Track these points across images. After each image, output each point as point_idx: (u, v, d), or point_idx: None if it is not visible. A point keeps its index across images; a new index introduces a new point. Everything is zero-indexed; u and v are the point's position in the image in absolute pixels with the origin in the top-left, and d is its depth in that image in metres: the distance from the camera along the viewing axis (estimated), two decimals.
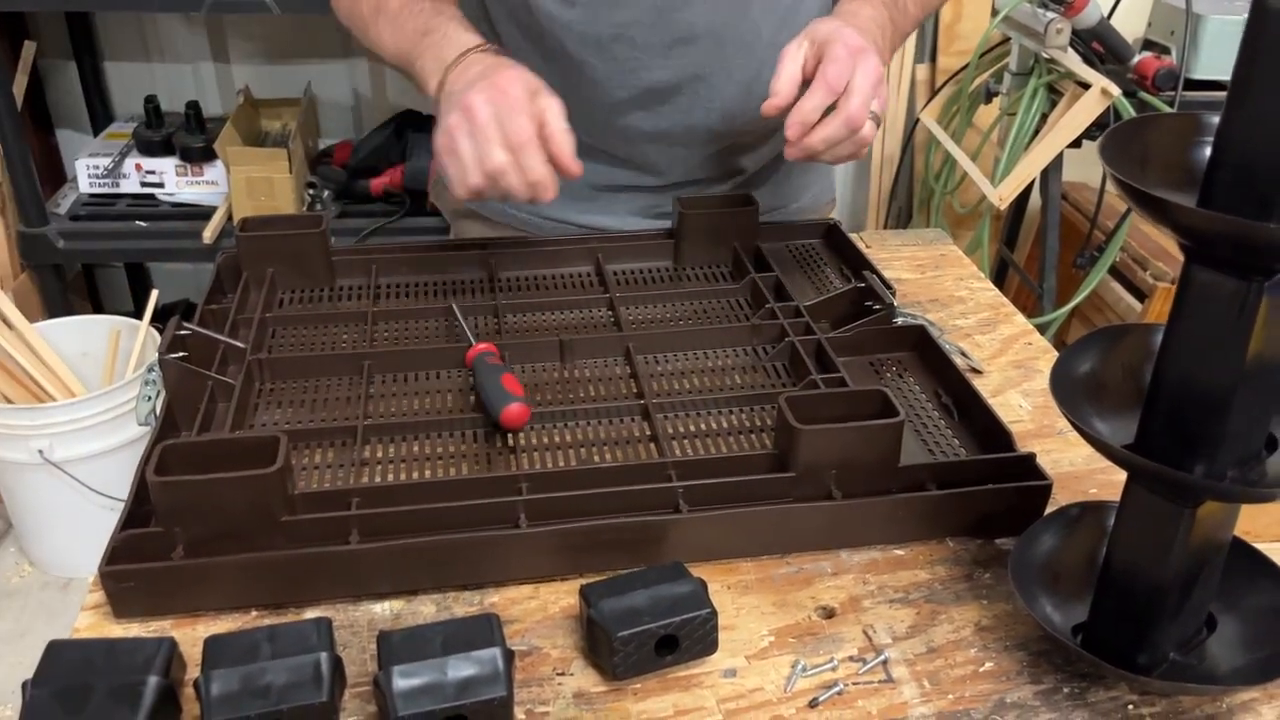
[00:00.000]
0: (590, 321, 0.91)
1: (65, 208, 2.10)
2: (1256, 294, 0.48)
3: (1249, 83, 0.46)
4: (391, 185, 2.13)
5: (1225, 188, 0.47)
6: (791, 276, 0.97)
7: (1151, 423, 0.55)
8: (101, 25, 2.26)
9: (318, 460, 0.74)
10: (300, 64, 2.33)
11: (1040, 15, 1.81)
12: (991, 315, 1.00)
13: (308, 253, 0.95)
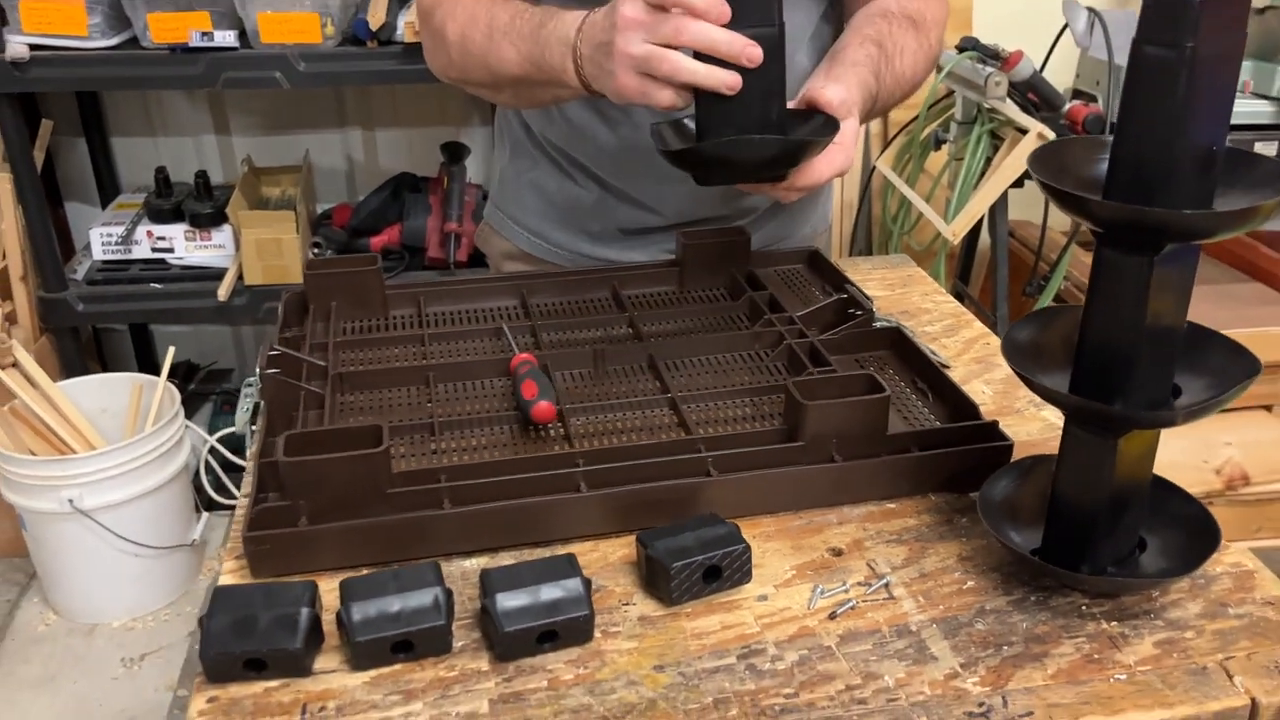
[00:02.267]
0: (614, 336, 1.06)
1: (81, 274, 2.22)
2: (1149, 266, 0.65)
3: (1132, 108, 0.62)
4: (389, 243, 2.29)
5: (1120, 186, 0.64)
6: (782, 294, 1.13)
7: (1080, 375, 0.71)
8: (110, 103, 2.41)
9: (401, 450, 0.88)
10: (297, 134, 2.49)
11: (980, 70, 2.01)
12: (954, 322, 1.17)
13: (365, 287, 1.10)
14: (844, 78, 1.01)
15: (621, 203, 1.23)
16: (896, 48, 1.10)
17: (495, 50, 1.03)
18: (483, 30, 1.04)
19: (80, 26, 1.94)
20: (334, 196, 2.53)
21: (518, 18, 1.02)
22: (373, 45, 2.01)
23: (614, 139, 1.18)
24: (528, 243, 1.31)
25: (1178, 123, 0.61)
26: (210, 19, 1.96)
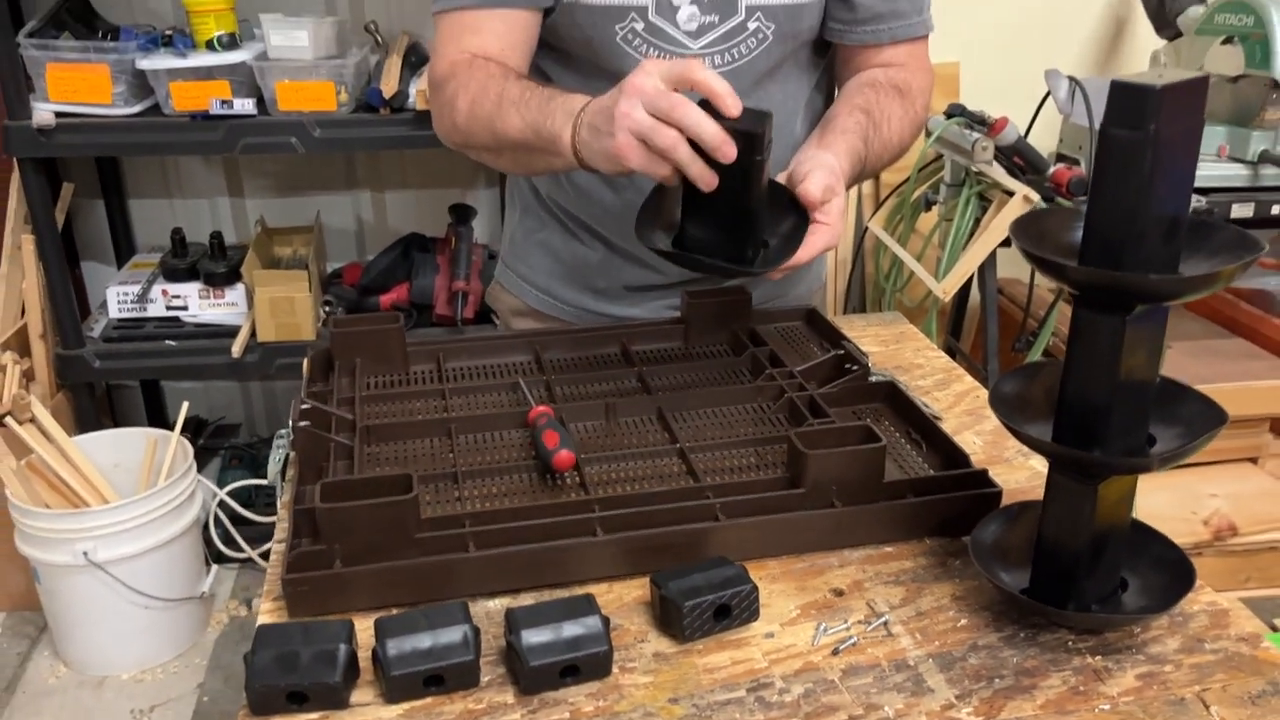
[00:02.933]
0: (624, 389, 1.12)
1: (98, 331, 2.28)
2: (1122, 325, 0.71)
3: (1102, 183, 0.69)
4: (398, 300, 2.36)
5: (1093, 252, 0.70)
6: (782, 349, 1.19)
7: (1062, 425, 0.77)
8: (129, 167, 2.49)
9: (428, 498, 0.94)
10: (309, 196, 2.57)
11: (967, 135, 2.10)
12: (945, 376, 1.23)
13: (387, 344, 1.16)
14: (834, 145, 1.09)
15: (626, 262, 1.30)
16: (884, 115, 1.18)
17: (501, 116, 1.09)
18: (493, 99, 1.10)
19: (105, 95, 2.02)
20: (344, 256, 2.60)
21: (528, 91, 1.09)
22: (385, 112, 2.09)
23: (619, 202, 1.25)
24: (536, 300, 1.37)
25: (1143, 196, 0.68)
26: (230, 88, 2.04)
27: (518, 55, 1.17)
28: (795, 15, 1.19)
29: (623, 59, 1.18)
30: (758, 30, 1.18)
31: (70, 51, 2.02)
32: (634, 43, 1.17)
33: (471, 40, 1.15)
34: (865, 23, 1.22)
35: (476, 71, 1.12)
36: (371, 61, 2.23)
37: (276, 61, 2.05)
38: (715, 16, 1.17)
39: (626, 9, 1.16)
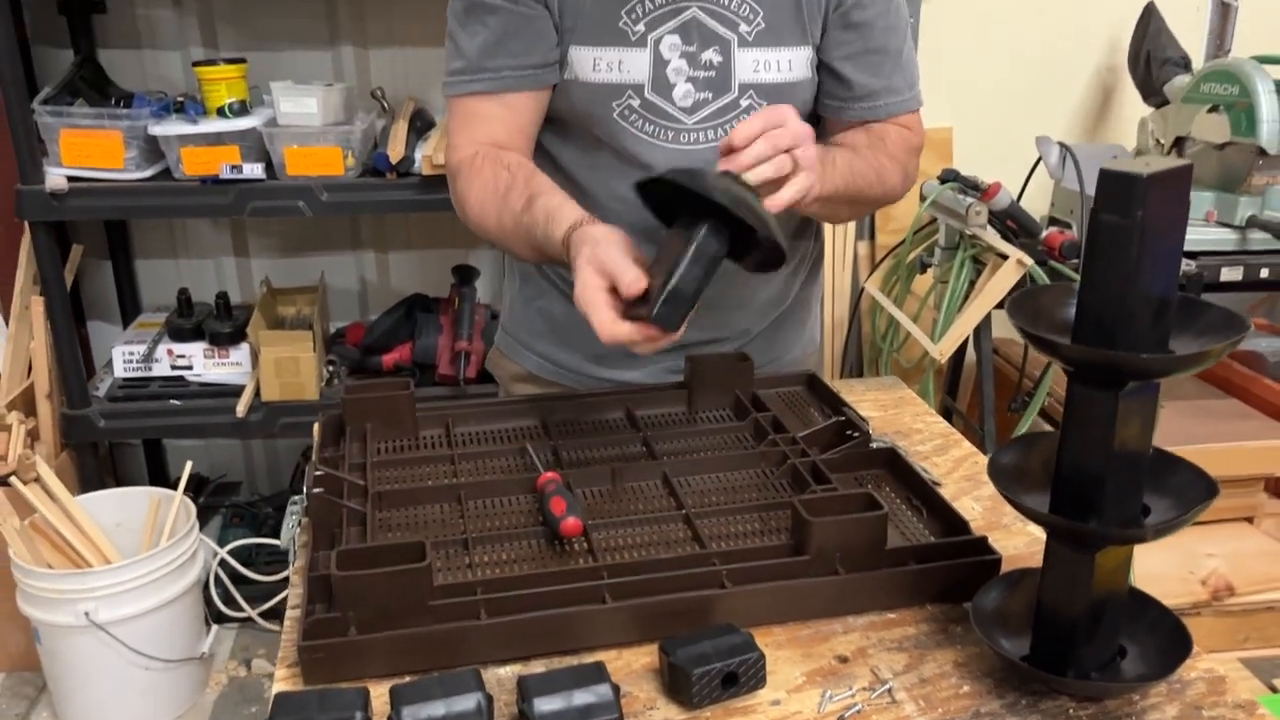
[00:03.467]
0: (630, 454, 1.15)
1: (103, 391, 2.31)
2: (1115, 400, 0.74)
3: (1094, 265, 0.72)
4: (401, 360, 2.38)
5: (1086, 331, 0.73)
6: (784, 414, 1.22)
7: (1058, 496, 0.80)
8: (136, 228, 2.53)
9: (439, 564, 0.96)
10: (313, 256, 2.60)
11: (961, 200, 2.15)
12: (944, 442, 1.25)
13: (398, 409, 1.18)
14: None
15: None
16: (859, 145, 1.23)
17: (509, 246, 1.20)
18: (493, 221, 1.18)
19: (117, 160, 2.06)
20: (347, 315, 2.63)
21: (524, 214, 1.13)
22: (391, 176, 2.14)
23: None
24: (537, 365, 1.40)
25: (1133, 278, 0.71)
26: (239, 152, 2.09)
27: (524, 137, 1.24)
28: (787, 93, 1.24)
29: (621, 133, 1.22)
30: (750, 107, 1.23)
31: (84, 118, 2.07)
32: (631, 118, 1.22)
33: (480, 127, 1.22)
34: (861, 100, 1.26)
35: (475, 177, 1.20)
36: (378, 127, 2.28)
37: (285, 127, 2.10)
38: (709, 94, 1.22)
39: (624, 87, 1.20)
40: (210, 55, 2.33)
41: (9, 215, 2.13)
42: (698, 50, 1.20)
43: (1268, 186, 2.11)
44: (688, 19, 1.19)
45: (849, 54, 1.24)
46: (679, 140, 1.23)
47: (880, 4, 1.24)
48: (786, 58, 1.23)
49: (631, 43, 1.19)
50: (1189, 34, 2.51)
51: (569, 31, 1.19)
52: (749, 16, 1.20)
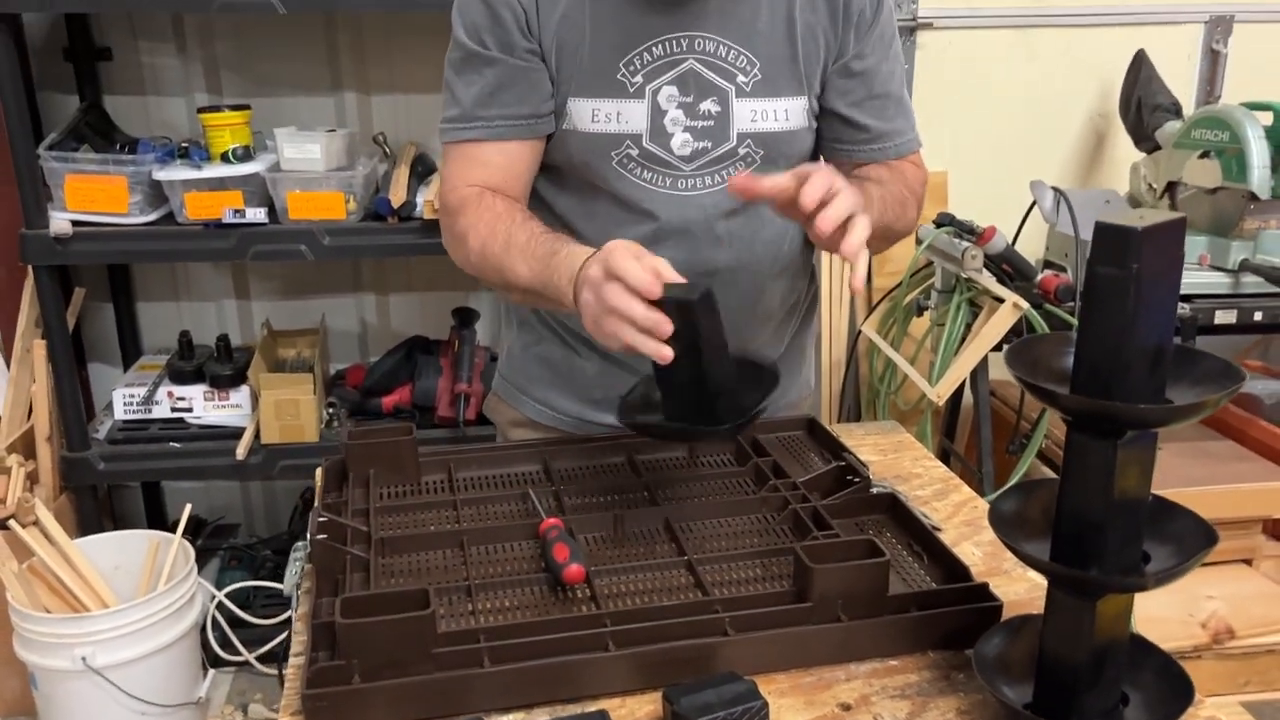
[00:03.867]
0: (632, 500, 1.15)
1: (103, 433, 2.31)
2: (1114, 449, 0.75)
3: (1090, 316, 0.74)
4: (401, 402, 2.39)
5: (1084, 381, 0.74)
6: (784, 460, 1.23)
7: (1059, 543, 0.80)
8: (138, 271, 2.54)
9: (442, 611, 0.96)
10: (314, 299, 2.62)
11: (957, 244, 2.17)
12: (943, 486, 1.26)
13: (400, 455, 1.19)
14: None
15: (623, 372, 1.34)
16: (877, 178, 1.26)
17: (510, 265, 1.16)
18: (500, 243, 1.17)
19: (121, 205, 2.08)
20: (347, 358, 2.64)
21: (534, 240, 1.15)
22: (393, 221, 2.16)
23: None
24: (535, 411, 1.41)
25: (1129, 329, 0.72)
26: (242, 197, 2.11)
27: (519, 184, 1.26)
28: (786, 141, 1.26)
29: (618, 181, 1.24)
30: (748, 155, 1.25)
31: (89, 163, 2.09)
32: (629, 166, 1.24)
33: (477, 172, 1.24)
34: (871, 142, 1.30)
35: (485, 212, 1.20)
36: (380, 171, 2.30)
37: (289, 173, 2.12)
38: (708, 143, 1.24)
39: (622, 137, 1.23)
40: (215, 101, 2.36)
41: (13, 259, 2.14)
42: (695, 101, 1.22)
43: (1260, 231, 2.14)
44: (685, 71, 1.22)
45: (855, 101, 1.28)
46: (677, 186, 1.25)
47: (879, 51, 1.28)
48: (784, 107, 1.25)
49: (629, 94, 1.22)
50: (1179, 80, 2.55)
51: (567, 83, 1.22)
52: (746, 68, 1.23)
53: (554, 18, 1.20)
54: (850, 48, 1.26)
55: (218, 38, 2.37)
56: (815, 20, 1.24)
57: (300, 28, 2.37)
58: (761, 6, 1.22)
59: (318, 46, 2.41)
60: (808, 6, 1.24)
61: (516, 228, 1.17)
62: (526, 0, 1.19)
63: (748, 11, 1.22)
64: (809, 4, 1.24)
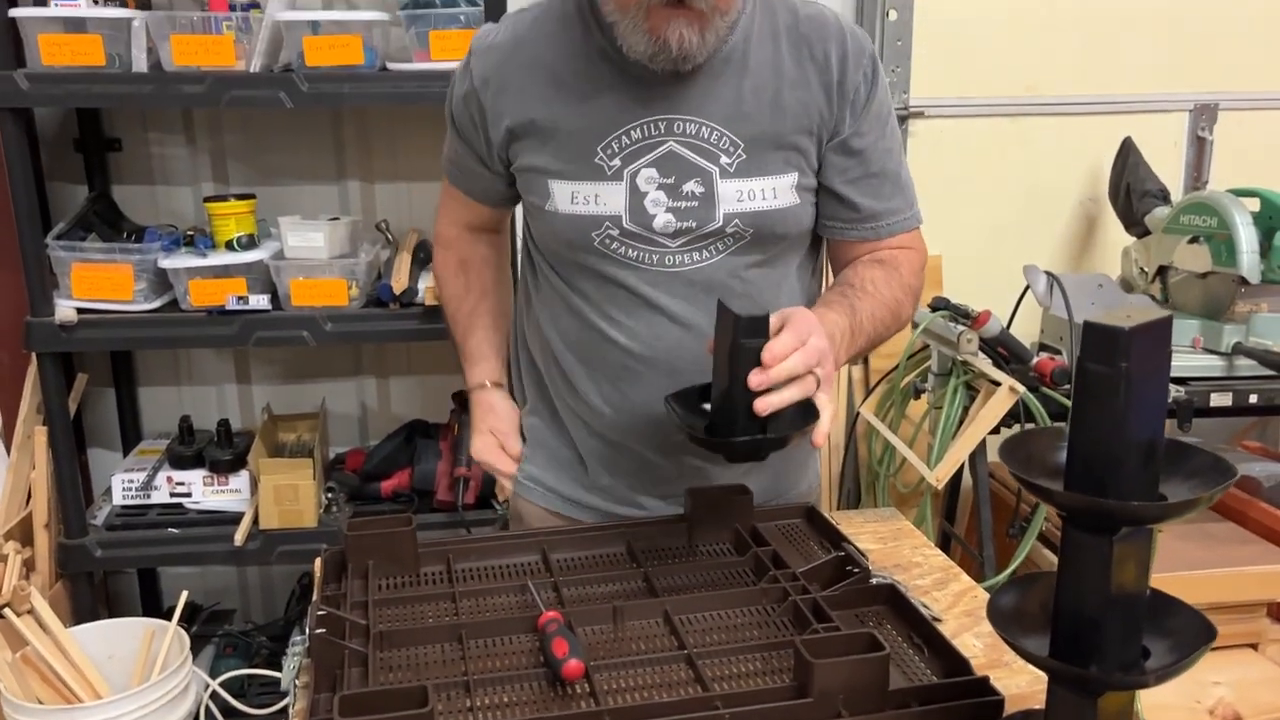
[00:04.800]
0: (631, 590, 1.15)
1: (101, 519, 2.30)
2: (1109, 545, 0.75)
3: (1082, 413, 0.75)
4: (400, 486, 2.39)
5: (1078, 476, 0.75)
6: (784, 548, 1.23)
7: (1058, 639, 0.80)
8: (140, 356, 2.56)
9: (441, 708, 0.95)
10: (314, 383, 2.63)
11: (952, 328, 2.19)
12: (943, 575, 1.26)
13: (400, 546, 1.19)
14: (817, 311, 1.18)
15: (621, 456, 1.35)
16: (866, 280, 1.28)
17: (452, 332, 1.54)
18: (451, 312, 1.53)
19: (127, 292, 2.11)
20: (347, 441, 2.64)
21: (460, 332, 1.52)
22: (394, 307, 2.18)
23: (616, 396, 1.32)
24: (541, 497, 1.42)
25: (1121, 425, 0.74)
26: (246, 284, 2.13)
27: (493, 223, 1.51)
28: (776, 219, 1.27)
29: (602, 259, 1.27)
30: (737, 232, 1.26)
31: (96, 252, 2.12)
32: (612, 246, 1.26)
33: (461, 211, 1.47)
34: (865, 221, 1.31)
35: (450, 264, 1.52)
36: (382, 257, 2.33)
37: (292, 260, 2.15)
38: (693, 222, 1.25)
39: (601, 218, 1.25)
40: (221, 190, 2.40)
41: (16, 346, 2.16)
42: (677, 182, 1.24)
43: (1251, 314, 2.16)
44: (665, 153, 1.24)
45: (851, 179, 1.29)
46: (662, 263, 1.27)
47: (876, 129, 1.28)
48: (770, 185, 1.26)
49: (607, 177, 1.24)
50: (1166, 166, 2.60)
51: (546, 166, 1.26)
52: (729, 149, 1.24)
53: (523, 109, 1.25)
54: (847, 125, 1.26)
55: (226, 130, 2.43)
56: (809, 98, 1.25)
57: (307, 120, 2.43)
58: (746, 88, 1.24)
59: (324, 138, 2.46)
60: (800, 85, 1.25)
61: (464, 312, 1.51)
62: (493, 90, 1.27)
63: (731, 93, 1.23)
64: (801, 83, 1.25)
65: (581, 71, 1.24)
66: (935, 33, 2.55)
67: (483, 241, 1.51)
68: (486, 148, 1.31)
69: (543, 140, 1.25)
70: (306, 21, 2.03)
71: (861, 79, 1.26)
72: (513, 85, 1.26)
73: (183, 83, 2.00)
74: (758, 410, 1.04)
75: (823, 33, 1.26)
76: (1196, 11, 2.65)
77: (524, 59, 1.26)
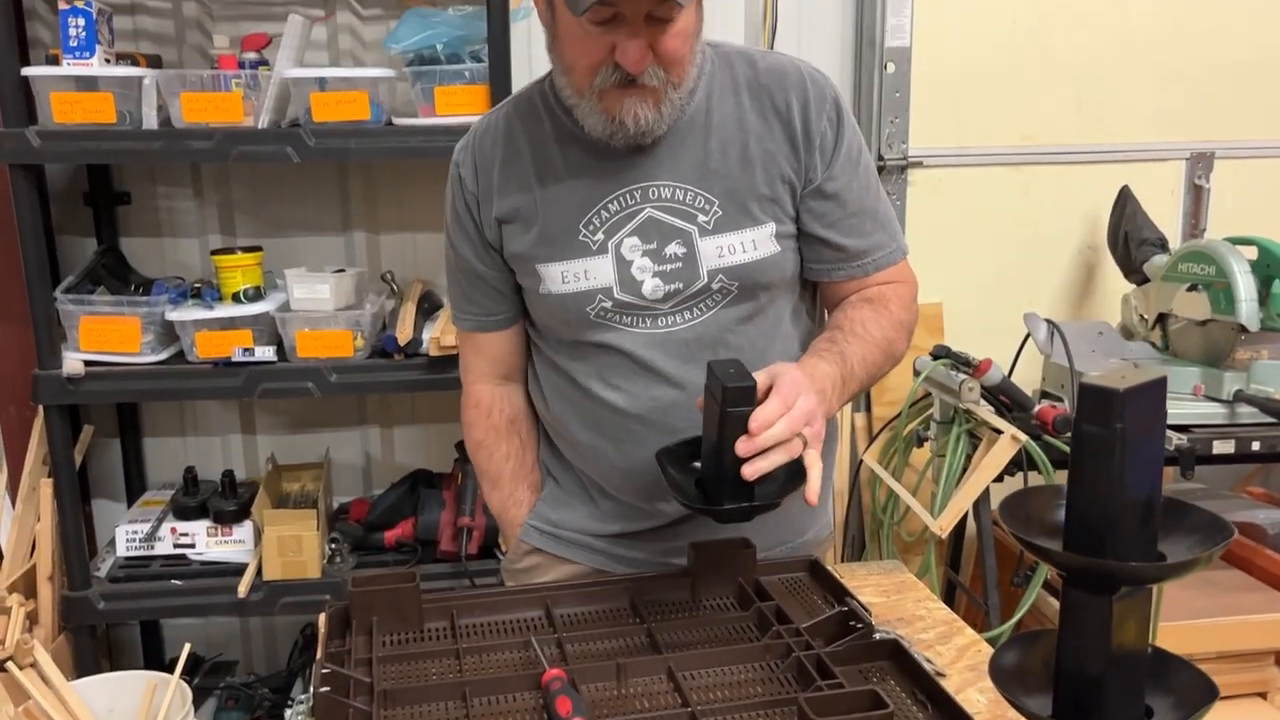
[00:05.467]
0: (634, 646, 1.15)
1: (104, 571, 2.30)
2: (1109, 604, 0.76)
3: (1079, 473, 0.76)
4: (403, 536, 2.39)
5: (1076, 536, 0.76)
6: (787, 603, 1.23)
7: (1060, 699, 0.80)
8: (146, 408, 2.57)
9: None
10: (319, 433, 2.64)
11: (953, 376, 2.20)
12: (947, 629, 1.26)
13: (404, 603, 1.19)
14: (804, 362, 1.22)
15: (627, 508, 1.36)
16: (855, 321, 1.29)
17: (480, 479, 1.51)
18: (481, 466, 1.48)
19: (134, 344, 2.12)
20: (351, 491, 2.65)
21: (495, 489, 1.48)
22: (399, 357, 2.20)
23: (620, 458, 1.33)
24: (539, 538, 1.44)
25: (1117, 485, 0.74)
26: (252, 336, 2.15)
27: (513, 361, 1.44)
28: (758, 270, 1.28)
29: (598, 329, 1.30)
30: (722, 289, 1.28)
31: (104, 305, 2.14)
32: (607, 316, 1.29)
33: (482, 362, 1.45)
34: (851, 260, 1.32)
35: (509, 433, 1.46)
36: (387, 308, 2.35)
37: (298, 312, 2.17)
38: (679, 284, 1.27)
39: (594, 292, 1.28)
40: (228, 243, 2.43)
41: (23, 398, 2.17)
42: (659, 246, 1.26)
43: (1252, 361, 2.17)
44: (644, 220, 1.26)
45: (831, 222, 1.30)
46: (656, 324, 1.29)
47: (849, 170, 1.30)
48: (750, 238, 1.27)
49: (593, 252, 1.27)
50: (1164, 214, 2.63)
51: (533, 251, 1.29)
52: (705, 207, 1.26)
53: (506, 200, 1.30)
54: (819, 172, 1.28)
55: (234, 183, 2.46)
56: (775, 148, 1.27)
57: (313, 173, 2.46)
58: (713, 145, 1.26)
59: (330, 190, 2.49)
60: (766, 136, 1.27)
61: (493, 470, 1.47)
62: (480, 189, 1.32)
63: (698, 153, 1.26)
64: (767, 134, 1.27)
65: (554, 156, 1.29)
66: (933, 84, 2.59)
67: (519, 394, 1.47)
68: (484, 247, 1.35)
69: (527, 226, 1.29)
70: (314, 78, 2.07)
71: (826, 124, 1.28)
72: (496, 178, 1.32)
73: (192, 139, 2.03)
74: (745, 475, 1.06)
75: (783, 82, 1.28)
76: (1191, 61, 2.69)
77: (502, 154, 1.32)
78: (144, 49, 2.35)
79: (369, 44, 2.43)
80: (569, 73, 1.20)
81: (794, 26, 2.56)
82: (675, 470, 1.16)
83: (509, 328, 1.41)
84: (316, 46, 2.38)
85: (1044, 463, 2.04)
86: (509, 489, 1.46)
